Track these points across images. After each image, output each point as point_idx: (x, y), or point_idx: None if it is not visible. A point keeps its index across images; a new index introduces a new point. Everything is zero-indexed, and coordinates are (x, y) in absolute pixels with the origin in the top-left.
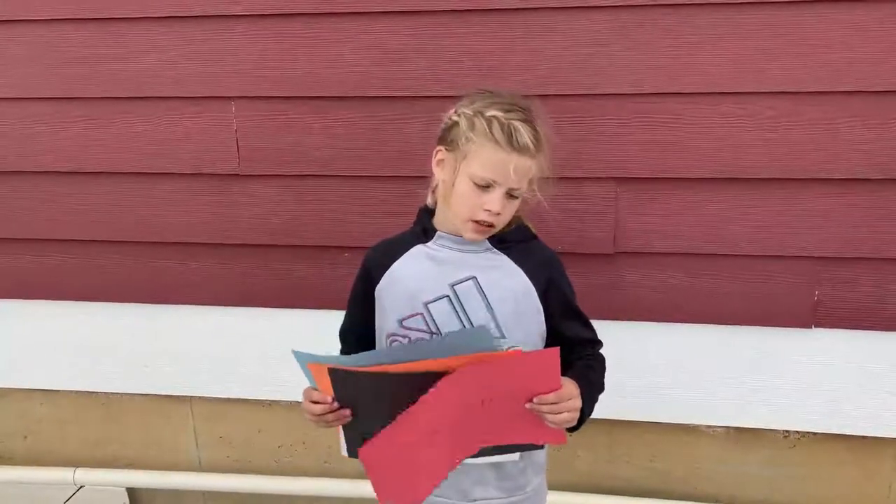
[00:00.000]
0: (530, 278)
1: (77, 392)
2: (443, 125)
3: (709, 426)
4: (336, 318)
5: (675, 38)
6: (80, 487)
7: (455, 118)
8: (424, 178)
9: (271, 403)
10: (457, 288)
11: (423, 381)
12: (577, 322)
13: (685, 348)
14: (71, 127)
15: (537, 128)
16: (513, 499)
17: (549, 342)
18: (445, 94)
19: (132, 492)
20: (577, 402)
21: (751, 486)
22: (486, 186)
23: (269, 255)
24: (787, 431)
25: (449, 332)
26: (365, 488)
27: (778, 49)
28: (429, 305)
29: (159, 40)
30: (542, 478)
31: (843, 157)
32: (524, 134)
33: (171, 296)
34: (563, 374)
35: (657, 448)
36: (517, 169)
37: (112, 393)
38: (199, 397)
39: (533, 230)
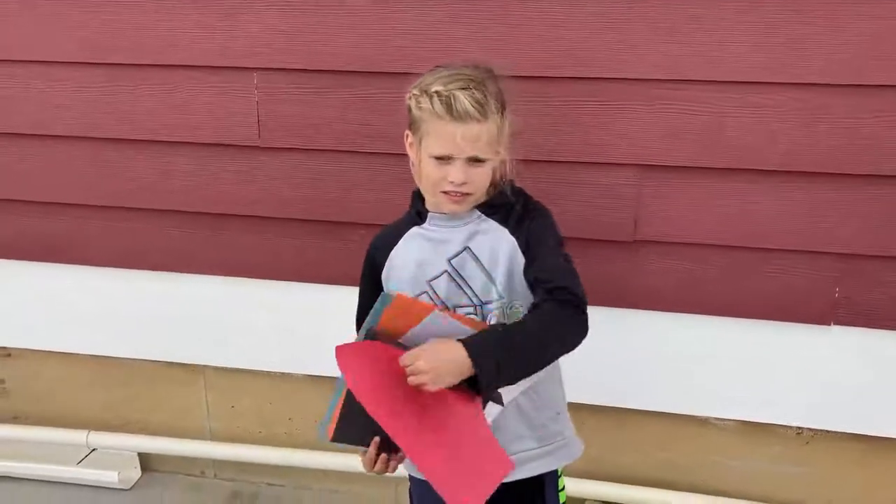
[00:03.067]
0: (513, 234)
1: (92, 356)
2: (406, 109)
3: (719, 419)
4: (350, 293)
5: (702, 24)
6: (93, 450)
7: (408, 101)
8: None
9: (283, 375)
10: (453, 262)
11: None
12: (548, 270)
13: (700, 340)
14: (93, 92)
15: (482, 91)
16: (550, 446)
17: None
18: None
19: (143, 456)
20: (422, 364)
21: (759, 481)
22: (445, 160)
23: (287, 228)
24: (800, 428)
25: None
26: None
27: (808, 40)
28: (432, 283)
29: (184, 8)
30: (572, 426)
31: (871, 152)
32: (463, 101)
33: (187, 264)
34: None
35: (666, 438)
36: (465, 137)
37: (127, 359)
38: (213, 367)
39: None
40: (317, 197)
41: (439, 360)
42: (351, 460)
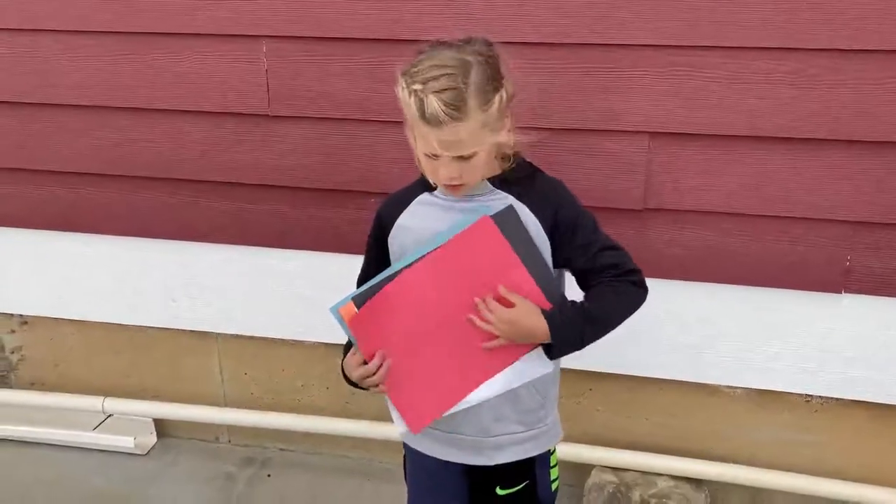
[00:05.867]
0: (535, 213)
1: (107, 324)
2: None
3: (730, 387)
4: (361, 262)
5: None
6: (109, 416)
7: (396, 89)
8: None
9: (295, 343)
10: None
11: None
12: (594, 249)
13: (711, 308)
14: (104, 61)
15: (460, 88)
16: (533, 431)
17: (576, 276)
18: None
19: (159, 422)
20: (511, 315)
21: (769, 449)
22: (433, 157)
23: (297, 196)
24: (809, 396)
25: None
26: (384, 430)
27: (821, 5)
28: None
29: None
30: (556, 413)
31: (883, 118)
32: (435, 107)
33: (200, 233)
34: None
35: (676, 406)
36: (442, 141)
37: (142, 326)
38: (226, 334)
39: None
40: (328, 166)
41: (519, 327)
42: (361, 426)
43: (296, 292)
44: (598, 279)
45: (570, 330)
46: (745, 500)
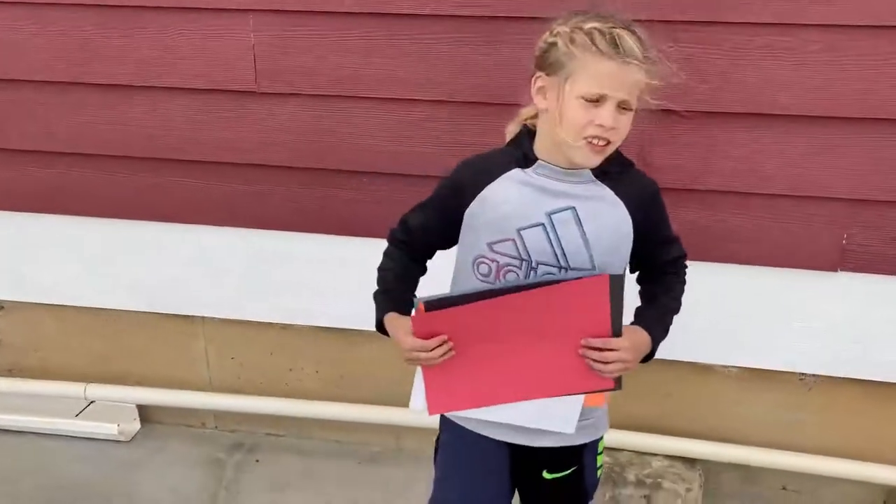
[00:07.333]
0: (629, 211)
1: (89, 308)
2: (538, 50)
3: (724, 366)
4: (354, 244)
5: None
6: (91, 402)
7: (552, 39)
8: (449, 104)
9: (284, 327)
10: (553, 217)
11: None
12: (670, 246)
13: (705, 287)
14: (84, 35)
15: (641, 36)
16: (582, 422)
17: (639, 267)
18: (464, 14)
19: (143, 409)
20: (628, 355)
21: (763, 428)
22: (596, 101)
23: (285, 176)
24: (803, 374)
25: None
26: (374, 413)
27: None
28: (521, 231)
29: None
30: (605, 408)
31: (885, 95)
32: (628, 41)
33: (185, 214)
34: (645, 299)
35: (671, 386)
36: (627, 77)
37: (125, 311)
38: (212, 318)
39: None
40: (318, 144)
41: (638, 354)
42: (351, 410)
43: (283, 275)
44: (664, 269)
45: (658, 340)
46: (740, 479)
